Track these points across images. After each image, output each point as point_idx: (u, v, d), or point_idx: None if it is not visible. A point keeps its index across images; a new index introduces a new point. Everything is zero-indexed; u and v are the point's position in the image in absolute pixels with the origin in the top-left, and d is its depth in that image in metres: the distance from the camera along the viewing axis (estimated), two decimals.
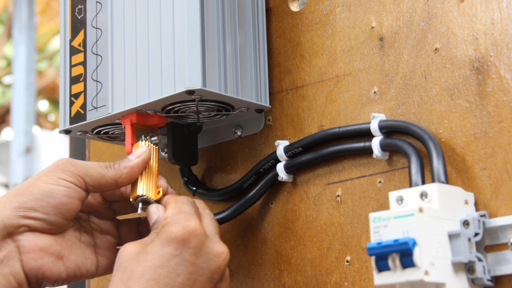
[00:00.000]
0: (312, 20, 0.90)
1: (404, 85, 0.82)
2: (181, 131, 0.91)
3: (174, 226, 0.77)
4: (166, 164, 0.97)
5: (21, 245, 0.81)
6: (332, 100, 0.87)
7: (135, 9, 0.87)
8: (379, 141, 0.80)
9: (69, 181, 0.82)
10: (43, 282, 0.82)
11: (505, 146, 0.74)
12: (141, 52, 0.86)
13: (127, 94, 0.87)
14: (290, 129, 0.90)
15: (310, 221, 0.87)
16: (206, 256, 0.78)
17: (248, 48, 0.89)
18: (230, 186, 0.92)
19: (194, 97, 0.84)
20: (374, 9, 0.85)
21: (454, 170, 0.77)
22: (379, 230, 0.71)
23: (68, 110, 0.91)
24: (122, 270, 0.77)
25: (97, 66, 0.89)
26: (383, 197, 0.81)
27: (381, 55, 0.84)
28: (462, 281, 0.71)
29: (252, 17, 0.90)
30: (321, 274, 0.85)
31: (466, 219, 0.72)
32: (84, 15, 0.91)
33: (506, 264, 0.72)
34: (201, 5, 0.84)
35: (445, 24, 0.79)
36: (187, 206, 0.80)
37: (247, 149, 0.93)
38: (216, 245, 0.79)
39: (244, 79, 0.87)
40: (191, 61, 0.83)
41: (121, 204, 0.88)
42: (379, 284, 0.71)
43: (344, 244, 0.83)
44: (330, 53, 0.88)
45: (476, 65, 0.77)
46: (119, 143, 0.97)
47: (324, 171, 0.86)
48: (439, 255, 0.70)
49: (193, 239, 0.77)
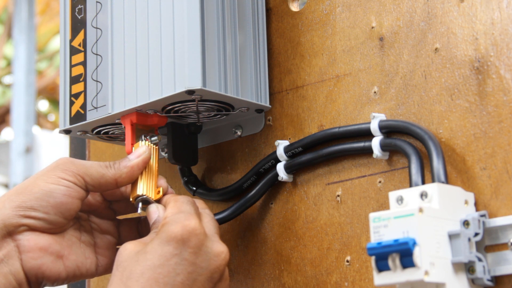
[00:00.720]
0: (312, 20, 0.90)
1: (404, 85, 0.81)
2: (181, 131, 0.91)
3: (173, 225, 0.77)
4: (166, 164, 0.97)
5: (21, 245, 0.81)
6: (332, 100, 0.87)
7: (135, 9, 0.87)
8: (379, 141, 0.80)
9: (69, 180, 0.82)
10: (42, 281, 0.82)
11: (505, 146, 0.74)
12: (141, 52, 0.86)
13: (127, 94, 0.87)
14: (290, 129, 0.90)
15: (310, 221, 0.87)
16: (206, 255, 0.78)
17: (248, 48, 0.89)
18: (230, 186, 0.92)
19: (194, 97, 0.84)
20: (374, 9, 0.85)
21: (454, 170, 0.77)
22: (379, 230, 0.71)
23: (68, 110, 0.91)
24: (122, 269, 0.77)
25: (97, 66, 0.89)
26: (383, 197, 0.81)
27: (381, 55, 0.84)
28: (462, 281, 0.71)
29: (252, 17, 0.90)
30: (321, 274, 0.85)
31: (466, 219, 0.72)
32: (84, 15, 0.91)
33: (506, 264, 0.72)
34: (201, 5, 0.84)
35: (445, 24, 0.79)
36: (187, 206, 0.80)
37: (247, 149, 0.93)
38: (216, 244, 0.79)
39: (244, 79, 0.87)
40: (191, 61, 0.83)
41: (121, 204, 0.88)
42: (379, 284, 0.71)
43: (344, 244, 0.83)
44: (330, 53, 0.88)
45: (476, 65, 0.77)
46: (119, 143, 0.97)
47: (324, 171, 0.86)
48: (439, 255, 0.70)
49: (193, 238, 0.77)
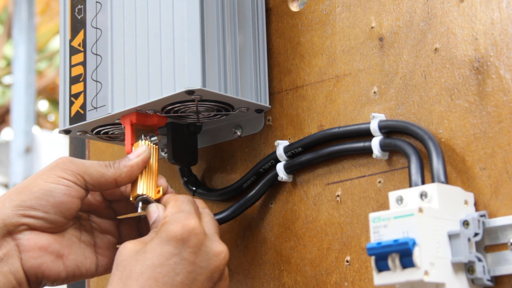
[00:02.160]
0: (312, 20, 0.90)
1: (404, 85, 0.81)
2: (181, 131, 0.91)
3: (173, 225, 0.77)
4: (166, 164, 0.97)
5: (20, 244, 0.81)
6: (332, 100, 0.87)
7: (135, 9, 0.87)
8: (379, 141, 0.80)
9: (68, 179, 0.82)
10: (42, 280, 0.82)
11: (505, 146, 0.74)
12: (141, 52, 0.86)
13: (127, 94, 0.87)
14: (290, 129, 0.90)
15: (310, 221, 0.87)
16: (206, 255, 0.78)
17: (248, 48, 0.89)
18: (230, 186, 0.92)
19: (194, 97, 0.84)
20: (374, 9, 0.85)
21: (454, 170, 0.77)
22: (379, 230, 0.71)
23: (68, 110, 0.91)
24: (121, 269, 0.77)
25: (97, 66, 0.89)
26: (383, 197, 0.81)
27: (381, 55, 0.84)
28: (462, 281, 0.71)
29: (252, 17, 0.90)
30: (321, 274, 0.85)
31: (466, 219, 0.72)
32: (84, 15, 0.91)
33: (506, 264, 0.72)
34: (201, 5, 0.84)
35: (445, 24, 0.79)
36: (187, 205, 0.80)
37: (247, 149, 0.93)
38: (216, 244, 0.79)
39: (244, 79, 0.87)
40: (191, 61, 0.83)
41: (121, 204, 0.88)
42: (379, 284, 0.71)
43: (344, 244, 0.83)
44: (330, 53, 0.88)
45: (476, 65, 0.77)
46: (119, 143, 0.97)
47: (324, 171, 0.86)
48: (439, 255, 0.70)
49: (193, 238, 0.77)
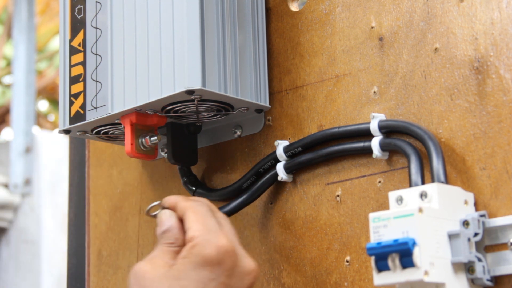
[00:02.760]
0: (312, 20, 0.90)
1: (404, 85, 0.81)
2: (180, 131, 0.91)
3: (207, 248, 0.75)
4: (166, 164, 0.97)
5: None
6: (332, 100, 0.87)
7: (135, 9, 0.87)
8: (379, 141, 0.80)
9: None
10: None
11: (505, 146, 0.74)
12: (140, 52, 0.86)
13: (127, 94, 0.87)
14: (289, 129, 0.90)
15: (309, 221, 0.87)
16: (240, 275, 0.76)
17: (247, 48, 0.88)
18: (229, 186, 0.92)
19: (193, 97, 0.84)
20: (373, 9, 0.85)
21: (454, 170, 0.77)
22: (379, 230, 0.71)
23: (67, 110, 0.91)
24: None
25: (97, 66, 0.89)
26: (383, 197, 0.81)
27: (381, 55, 0.84)
28: (462, 281, 0.71)
29: (252, 17, 0.90)
30: (321, 274, 0.85)
31: (465, 219, 0.72)
32: (84, 15, 0.91)
33: (505, 264, 0.72)
34: (200, 5, 0.84)
35: (445, 24, 0.79)
36: (211, 220, 0.77)
37: (247, 149, 0.93)
38: (247, 262, 0.77)
39: (244, 79, 0.87)
40: (191, 61, 0.83)
41: None
42: (379, 284, 0.71)
43: (343, 244, 0.83)
44: (329, 53, 0.88)
45: (475, 65, 0.77)
46: (119, 143, 0.97)
47: (324, 171, 0.86)
48: (438, 255, 0.70)
49: (227, 260, 0.75)
